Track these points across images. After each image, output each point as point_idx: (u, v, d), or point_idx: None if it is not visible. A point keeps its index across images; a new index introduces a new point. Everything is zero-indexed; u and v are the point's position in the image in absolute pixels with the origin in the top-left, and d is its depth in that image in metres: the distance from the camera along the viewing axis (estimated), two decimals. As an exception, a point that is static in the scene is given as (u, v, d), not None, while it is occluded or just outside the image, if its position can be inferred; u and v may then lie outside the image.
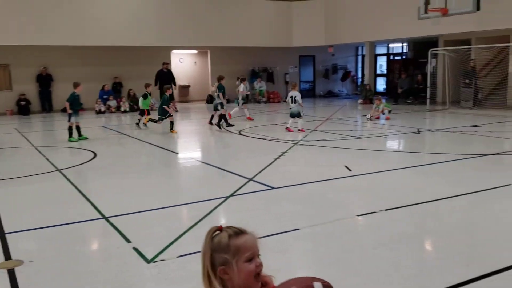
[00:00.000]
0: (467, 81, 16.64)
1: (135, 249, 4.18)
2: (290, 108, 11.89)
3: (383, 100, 14.20)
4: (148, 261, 3.91)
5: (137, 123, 13.47)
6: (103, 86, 18.89)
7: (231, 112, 14.26)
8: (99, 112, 18.27)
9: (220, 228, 1.70)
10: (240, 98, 15.36)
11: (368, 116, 14.26)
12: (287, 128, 12.01)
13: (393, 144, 10.51)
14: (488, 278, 3.50)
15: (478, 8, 13.08)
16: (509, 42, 15.69)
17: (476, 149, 9.14)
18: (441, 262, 3.82)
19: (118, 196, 6.12)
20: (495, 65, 16.94)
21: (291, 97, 11.81)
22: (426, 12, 14.19)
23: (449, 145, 10.01)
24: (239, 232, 1.69)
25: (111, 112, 18.60)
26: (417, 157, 8.73)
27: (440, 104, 17.86)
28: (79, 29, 17.83)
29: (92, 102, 18.82)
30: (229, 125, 12.81)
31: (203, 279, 1.71)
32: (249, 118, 14.98)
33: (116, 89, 19.45)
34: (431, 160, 8.00)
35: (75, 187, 6.49)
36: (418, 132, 11.49)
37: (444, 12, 13.67)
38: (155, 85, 18.20)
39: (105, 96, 18.74)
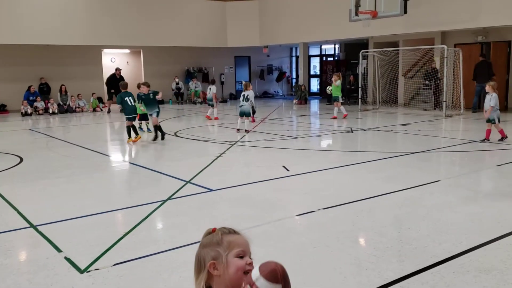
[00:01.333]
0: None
1: (67, 259, 3.95)
2: (241, 106, 11.76)
3: (338, 83, 14.42)
4: (82, 271, 3.70)
5: (140, 128, 12.16)
6: (29, 87, 17.94)
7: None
8: (25, 114, 17.33)
9: (213, 230, 1.72)
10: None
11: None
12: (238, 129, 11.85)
13: (328, 143, 10.72)
14: (422, 274, 3.60)
15: (405, 12, 13.66)
16: (434, 44, 16.51)
17: (406, 147, 9.50)
18: (377, 259, 3.90)
19: (46, 202, 5.79)
20: (421, 66, 17.78)
21: (243, 95, 11.73)
22: (356, 14, 14.64)
23: (381, 143, 10.35)
24: (232, 231, 1.73)
25: (39, 114, 17.71)
26: (351, 156, 8.94)
27: (371, 104, 18.48)
28: (3, 27, 16.81)
29: (18, 104, 17.84)
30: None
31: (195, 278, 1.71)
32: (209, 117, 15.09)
33: (42, 90, 18.54)
34: (365, 159, 8.22)
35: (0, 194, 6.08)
36: (351, 131, 11.81)
37: (374, 15, 14.17)
38: (107, 90, 18.59)
39: (31, 98, 17.80)
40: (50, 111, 17.84)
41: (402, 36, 17.33)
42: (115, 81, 18.08)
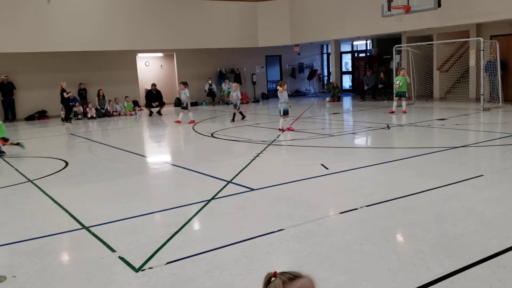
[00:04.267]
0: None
1: (121, 258, 4.11)
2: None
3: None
4: (136, 270, 3.85)
5: None
6: (68, 94, 18.44)
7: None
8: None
9: (274, 275, 1.68)
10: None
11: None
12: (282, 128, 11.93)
13: (364, 140, 10.67)
14: (472, 269, 3.60)
15: (439, 5, 13.45)
16: (468, 37, 16.18)
17: (445, 142, 9.37)
18: (425, 255, 3.90)
19: (95, 205, 6.00)
20: (456, 59, 17.45)
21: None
22: (389, 9, 14.51)
23: (419, 139, 10.25)
24: (293, 278, 1.67)
25: (78, 119, 18.22)
26: (389, 152, 8.90)
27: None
28: (41, 35, 17.39)
29: (58, 110, 18.40)
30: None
31: None
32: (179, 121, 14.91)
33: (81, 96, 19.08)
34: (403, 155, 8.16)
35: (50, 197, 6.33)
36: (388, 127, 11.72)
37: (407, 9, 14.03)
38: (147, 105, 19.44)
39: (71, 103, 18.33)
40: (89, 115, 18.33)
41: (435, 29, 17.06)
42: (153, 96, 19.53)
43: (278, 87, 11.94)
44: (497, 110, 13.93)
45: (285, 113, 11.77)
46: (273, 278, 1.67)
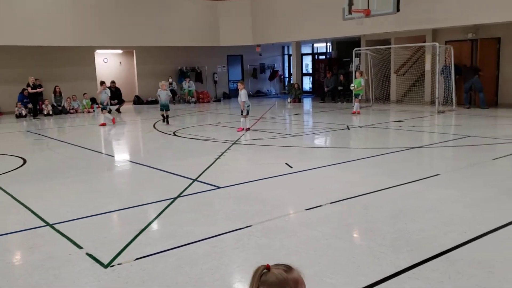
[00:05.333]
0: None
1: (89, 255, 4.08)
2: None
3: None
4: (105, 266, 3.83)
5: None
6: (23, 90, 17.86)
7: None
8: (19, 116, 17.31)
9: (268, 267, 1.70)
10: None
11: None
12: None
13: (326, 140, 10.90)
14: (432, 261, 3.78)
15: (398, 10, 13.88)
16: (425, 42, 16.77)
17: (402, 143, 9.70)
18: (387, 249, 4.07)
19: (58, 202, 5.89)
20: (413, 63, 18.05)
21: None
22: (350, 13, 14.83)
23: (378, 139, 10.57)
24: (290, 268, 1.72)
25: (22, 116, 17.64)
26: (350, 152, 9.14)
27: (364, 102, 18.70)
28: (-3, 29, 16.79)
29: (12, 106, 17.81)
30: None
31: None
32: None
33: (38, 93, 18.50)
34: (364, 155, 8.40)
35: (9, 194, 6.17)
36: (348, 128, 12.01)
37: (367, 13, 14.37)
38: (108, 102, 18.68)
39: (25, 100, 17.77)
40: (45, 112, 17.83)
41: (394, 34, 17.58)
42: (112, 93, 18.58)
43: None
44: (451, 113, 14.51)
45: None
46: (265, 270, 1.69)
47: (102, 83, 14.69)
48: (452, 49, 15.32)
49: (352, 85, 15.48)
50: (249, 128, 11.80)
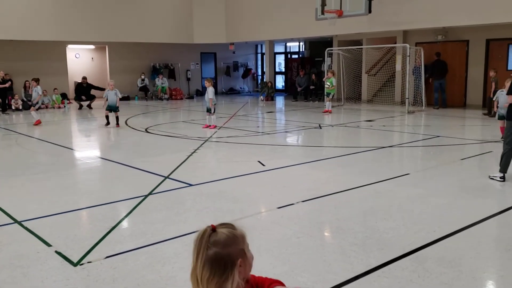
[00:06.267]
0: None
1: (58, 253, 4.01)
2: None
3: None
4: (75, 264, 3.78)
5: None
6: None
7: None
8: (-14, 110, 16.83)
9: (213, 227, 1.64)
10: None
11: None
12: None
13: (298, 139, 10.97)
14: (402, 260, 3.86)
15: (370, 11, 14.07)
16: (395, 43, 17.05)
17: (373, 142, 9.85)
18: (358, 247, 4.13)
19: (27, 199, 5.77)
20: (384, 64, 18.33)
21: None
22: (322, 13, 14.95)
23: (349, 138, 10.70)
24: (233, 225, 1.69)
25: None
26: (322, 151, 9.23)
27: (336, 101, 18.88)
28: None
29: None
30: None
31: (192, 279, 1.62)
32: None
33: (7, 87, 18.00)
34: (335, 153, 8.49)
35: (-24, 191, 6.02)
36: (320, 127, 12.11)
37: (340, 14, 14.52)
38: (77, 98, 18.71)
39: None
40: (13, 107, 17.40)
41: (365, 34, 17.80)
42: (83, 89, 18.88)
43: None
44: (421, 113, 14.79)
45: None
46: (214, 231, 1.62)
47: (35, 80, 13.84)
48: (422, 51, 15.61)
49: (327, 83, 15.53)
50: (215, 126, 11.77)
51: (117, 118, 12.60)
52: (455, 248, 4.10)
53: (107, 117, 12.54)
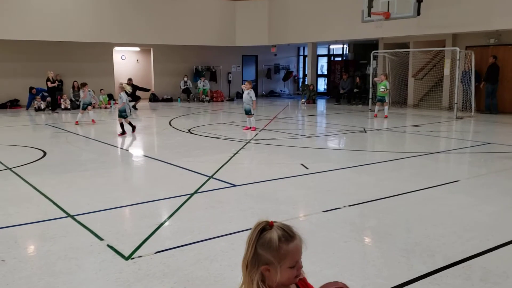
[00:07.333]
0: None
1: (110, 247, 4.11)
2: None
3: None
4: (126, 258, 3.86)
5: None
6: (31, 89, 18.01)
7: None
8: (38, 109, 17.50)
9: (271, 224, 1.68)
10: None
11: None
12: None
13: (342, 142, 10.85)
14: (454, 267, 3.75)
15: (418, 13, 13.78)
16: (444, 46, 16.63)
17: (420, 148, 9.62)
18: (408, 253, 4.04)
19: (78, 194, 5.95)
20: (431, 68, 17.90)
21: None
22: (369, 15, 14.76)
23: (396, 143, 10.50)
24: (288, 237, 1.68)
25: (40, 110, 17.82)
26: (367, 155, 9.09)
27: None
28: (16, 23, 16.98)
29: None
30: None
31: (242, 265, 1.72)
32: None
33: (57, 87, 18.66)
34: (382, 158, 8.36)
35: (31, 185, 6.25)
36: (365, 131, 11.95)
37: (387, 16, 14.30)
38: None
39: (45, 94, 17.97)
40: (62, 106, 18.01)
41: (412, 37, 17.45)
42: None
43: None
44: (469, 119, 14.36)
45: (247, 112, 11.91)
46: (268, 228, 1.67)
47: (84, 84, 14.02)
48: (473, 55, 15.16)
49: (381, 87, 15.09)
50: (255, 128, 11.80)
51: (129, 123, 11.53)
52: (510, 258, 3.95)
53: (121, 125, 11.33)
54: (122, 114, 11.10)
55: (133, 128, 11.49)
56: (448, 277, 3.59)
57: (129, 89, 11.18)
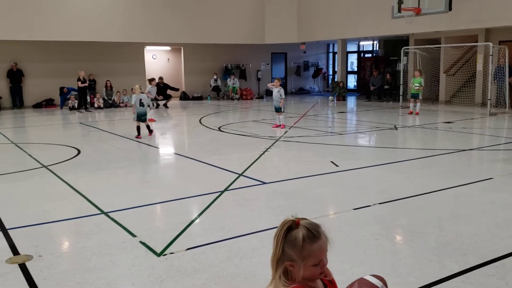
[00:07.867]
0: None
1: (142, 243, 4.20)
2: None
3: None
4: (158, 254, 3.95)
5: None
6: (61, 89, 18.47)
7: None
8: (72, 108, 17.94)
9: (297, 223, 1.72)
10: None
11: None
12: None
13: (373, 140, 10.75)
14: (487, 266, 3.69)
15: (450, 9, 13.51)
16: (477, 41, 16.26)
17: (453, 144, 9.46)
18: (440, 252, 4.00)
19: (111, 191, 6.10)
20: (463, 63, 17.52)
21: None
22: (399, 11, 14.55)
23: (427, 140, 10.34)
24: (313, 237, 1.71)
25: (74, 108, 18.22)
26: (398, 152, 8.99)
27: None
28: (51, 24, 17.45)
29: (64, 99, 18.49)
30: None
31: (272, 263, 1.77)
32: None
33: (90, 86, 19.10)
34: (412, 156, 8.26)
35: (66, 183, 6.43)
36: (396, 128, 11.81)
37: (418, 12, 14.05)
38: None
39: (66, 95, 18.42)
40: (96, 105, 18.42)
41: (444, 33, 17.11)
42: (160, 89, 18.95)
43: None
44: (504, 115, 14.01)
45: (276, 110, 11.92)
46: (295, 227, 1.72)
47: (152, 79, 14.80)
48: (506, 50, 14.77)
49: (415, 84, 14.88)
50: (284, 126, 11.81)
51: (147, 126, 11.04)
52: (546, 258, 3.86)
53: (138, 128, 10.75)
54: (142, 118, 10.95)
55: (150, 131, 11.18)
56: (481, 276, 3.54)
57: (139, 91, 11.15)
